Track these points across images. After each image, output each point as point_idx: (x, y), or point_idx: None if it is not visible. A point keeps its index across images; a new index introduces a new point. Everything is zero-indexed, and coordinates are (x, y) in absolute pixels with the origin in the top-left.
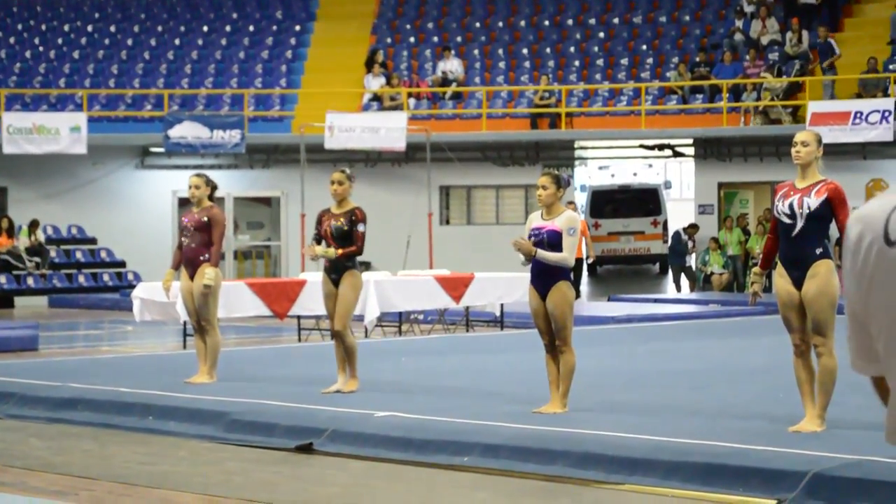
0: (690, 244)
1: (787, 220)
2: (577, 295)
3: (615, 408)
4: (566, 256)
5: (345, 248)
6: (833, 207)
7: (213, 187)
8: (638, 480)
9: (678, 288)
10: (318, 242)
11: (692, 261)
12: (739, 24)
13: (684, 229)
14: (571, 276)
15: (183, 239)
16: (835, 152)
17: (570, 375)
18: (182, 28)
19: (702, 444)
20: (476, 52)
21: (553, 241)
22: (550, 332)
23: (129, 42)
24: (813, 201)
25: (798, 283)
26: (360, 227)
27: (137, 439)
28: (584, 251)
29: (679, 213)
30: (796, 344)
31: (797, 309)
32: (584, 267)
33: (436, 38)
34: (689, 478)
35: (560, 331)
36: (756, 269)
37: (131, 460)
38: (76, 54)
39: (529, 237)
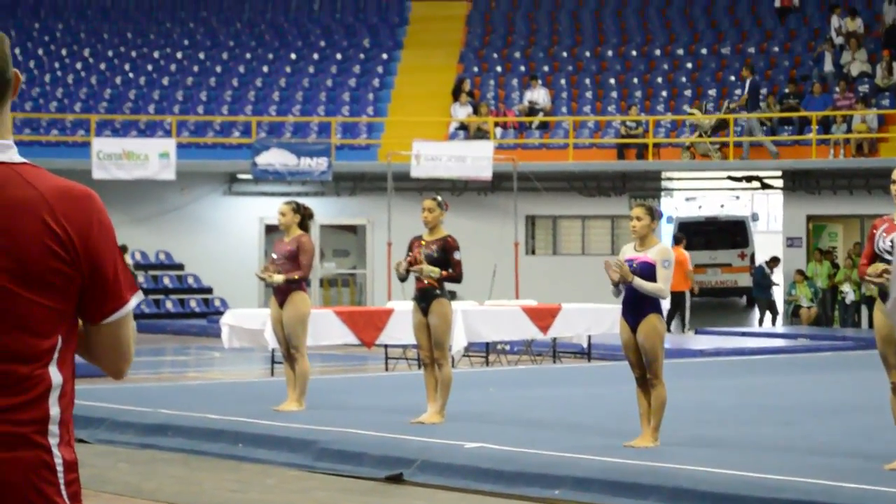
0: (773, 277)
1: (888, 257)
2: (684, 327)
3: (706, 442)
4: (661, 287)
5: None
6: None
7: (304, 215)
8: None
9: (761, 322)
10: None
11: (778, 294)
12: (829, 55)
13: (767, 263)
14: (662, 308)
15: (273, 267)
16: None
17: (662, 409)
18: (270, 56)
19: (793, 480)
20: (563, 81)
21: (646, 272)
22: (641, 364)
23: (218, 69)
24: None
25: None
26: (457, 255)
27: (227, 466)
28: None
29: (766, 245)
30: (893, 381)
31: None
32: (688, 299)
33: (523, 68)
34: None
35: (651, 364)
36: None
37: (221, 487)
38: (166, 81)
39: None
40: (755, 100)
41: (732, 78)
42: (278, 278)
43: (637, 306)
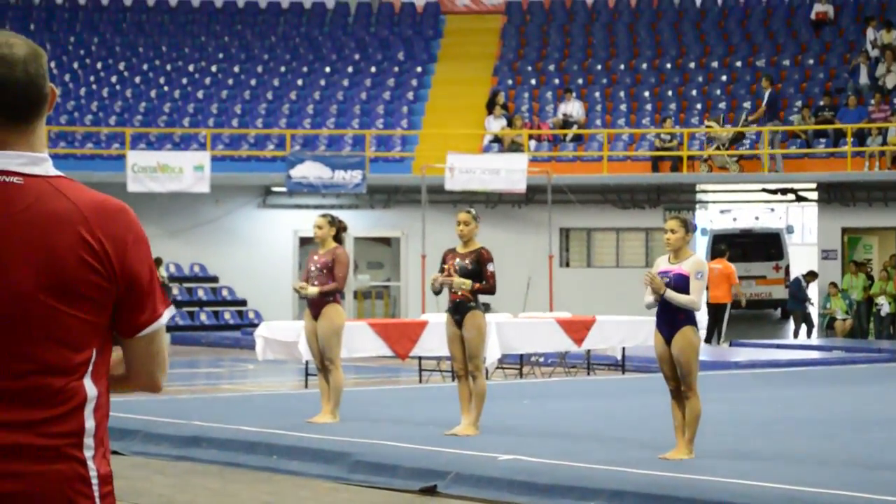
0: (808, 291)
1: None
2: (720, 339)
3: (742, 455)
4: (694, 300)
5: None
6: None
7: (340, 228)
8: None
9: (796, 335)
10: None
11: (812, 307)
12: (864, 68)
13: (803, 276)
14: (697, 320)
15: (308, 280)
16: None
17: (696, 421)
18: (305, 69)
19: (832, 493)
20: (597, 94)
21: (680, 284)
22: (676, 377)
23: (253, 82)
24: None
25: None
26: (490, 267)
27: (261, 478)
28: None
29: (801, 257)
30: None
31: None
32: (728, 311)
33: (557, 81)
34: None
35: (686, 376)
36: None
37: (255, 499)
38: (200, 94)
39: None
40: (773, 111)
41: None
42: (313, 290)
43: (672, 318)
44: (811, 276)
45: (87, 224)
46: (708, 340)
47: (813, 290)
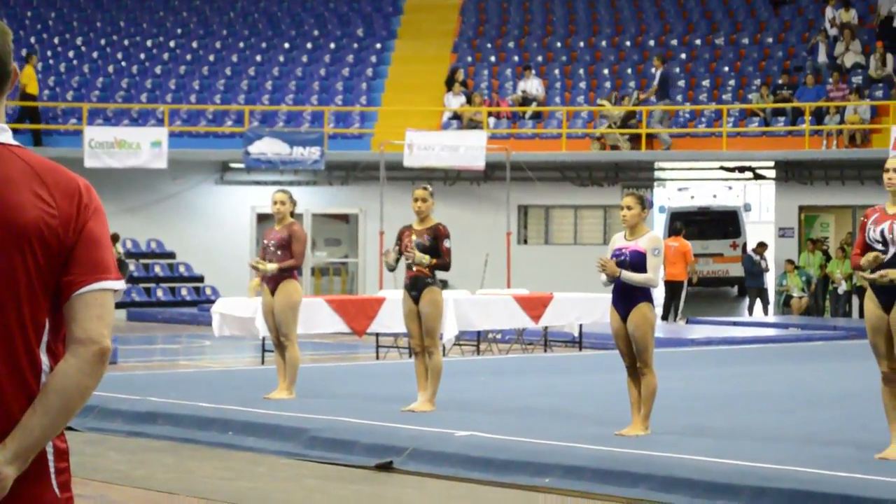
0: (764, 264)
1: (879, 247)
2: (676, 316)
3: (698, 431)
4: (651, 277)
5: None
6: None
7: (294, 203)
8: None
9: (751, 311)
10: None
11: (768, 283)
12: (823, 46)
13: (754, 250)
14: (653, 297)
15: (265, 256)
16: None
17: (652, 398)
18: (263, 45)
19: (787, 469)
20: (556, 71)
21: (636, 261)
22: (631, 353)
23: (211, 58)
24: None
25: (888, 308)
26: (447, 243)
27: (217, 454)
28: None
29: (758, 235)
30: (884, 371)
31: (886, 335)
32: (685, 289)
33: (516, 58)
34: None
35: (641, 353)
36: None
37: (211, 475)
38: (158, 70)
39: (612, 257)
40: (665, 90)
41: (726, 69)
42: (272, 267)
43: (627, 295)
44: (761, 247)
45: (42, 183)
46: (665, 318)
47: (771, 262)
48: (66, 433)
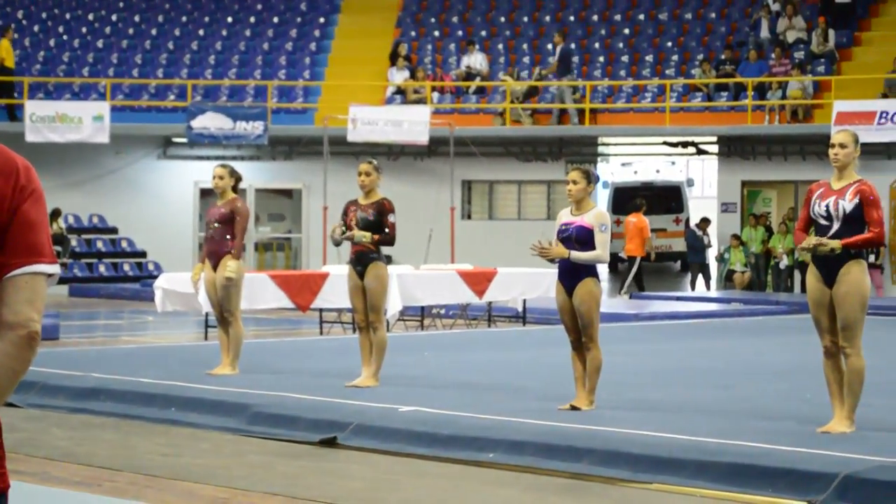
0: (706, 239)
1: (823, 222)
2: (641, 288)
3: (641, 406)
4: (600, 254)
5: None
6: (862, 207)
7: (238, 178)
8: (665, 479)
9: (693, 286)
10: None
11: (711, 258)
12: (765, 22)
13: (697, 225)
14: (598, 272)
15: (207, 232)
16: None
17: (597, 372)
18: (206, 19)
19: (729, 443)
20: (500, 46)
21: (581, 237)
22: (577, 328)
23: (154, 32)
24: (847, 204)
25: (830, 283)
26: (391, 218)
27: (160, 430)
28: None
29: (701, 210)
30: (826, 345)
31: (827, 309)
32: (637, 264)
33: (460, 33)
34: (716, 478)
35: (586, 327)
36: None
37: (154, 451)
38: (100, 43)
39: (558, 233)
40: (566, 66)
41: (669, 44)
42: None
43: (573, 270)
44: (704, 222)
45: None
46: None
47: (713, 238)
48: (5, 410)
